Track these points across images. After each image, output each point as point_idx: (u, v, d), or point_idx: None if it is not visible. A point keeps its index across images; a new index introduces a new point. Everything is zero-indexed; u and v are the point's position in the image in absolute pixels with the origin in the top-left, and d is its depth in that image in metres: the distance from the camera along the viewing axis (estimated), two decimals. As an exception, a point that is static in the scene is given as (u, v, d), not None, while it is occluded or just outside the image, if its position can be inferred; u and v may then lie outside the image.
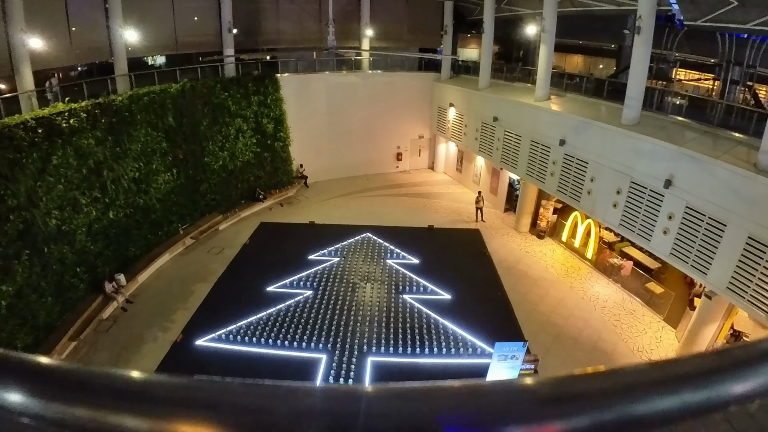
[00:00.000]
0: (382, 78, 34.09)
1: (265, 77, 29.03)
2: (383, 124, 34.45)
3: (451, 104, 32.20)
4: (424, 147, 37.09)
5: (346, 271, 22.01)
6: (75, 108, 18.03)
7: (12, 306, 14.82)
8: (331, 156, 33.50)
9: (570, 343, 17.49)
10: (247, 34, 31.10)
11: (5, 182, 14.72)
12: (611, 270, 21.61)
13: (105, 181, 19.27)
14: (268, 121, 28.94)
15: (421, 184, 34.26)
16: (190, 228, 24.79)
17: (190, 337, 17.45)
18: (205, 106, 25.11)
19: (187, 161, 24.28)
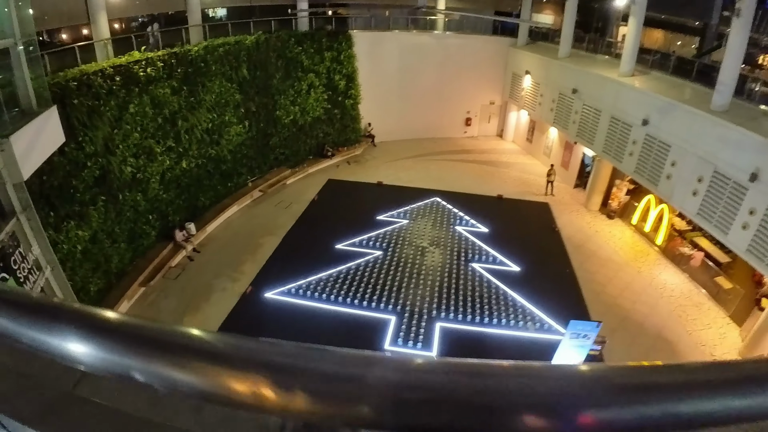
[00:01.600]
0: (455, 40, 32.96)
1: (339, 33, 28.57)
2: (454, 88, 33.39)
3: (527, 72, 30.74)
4: (494, 114, 35.82)
5: (414, 234, 21.81)
6: (151, 57, 18.07)
7: (87, 251, 15.20)
8: (399, 116, 32.92)
9: (635, 328, 16.84)
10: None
11: (83, 129, 14.91)
12: (680, 259, 20.62)
13: (179, 131, 19.45)
14: (339, 77, 28.59)
15: (489, 152, 33.25)
16: (258, 181, 24.97)
17: (259, 289, 17.65)
18: (279, 59, 24.94)
19: (258, 114, 24.29)
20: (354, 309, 16.97)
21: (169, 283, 18.08)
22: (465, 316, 16.75)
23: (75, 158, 14.60)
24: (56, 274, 11.64)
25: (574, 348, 13.71)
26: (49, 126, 12.18)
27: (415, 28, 32.98)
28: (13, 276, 9.55)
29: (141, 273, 17.63)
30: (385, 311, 16.86)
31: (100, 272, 15.93)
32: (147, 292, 17.43)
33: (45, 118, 11.82)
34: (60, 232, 13.91)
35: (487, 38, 33.65)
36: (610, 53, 27.02)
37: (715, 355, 15.80)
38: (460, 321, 16.56)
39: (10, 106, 11.04)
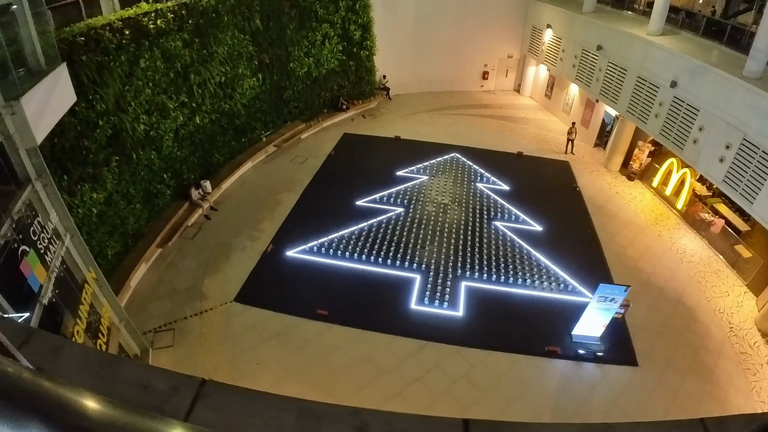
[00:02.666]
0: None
1: (354, -20, 27.34)
2: (471, 40, 32.34)
3: (549, 25, 29.56)
4: (512, 68, 34.77)
5: (435, 191, 21.47)
6: (161, 9, 17.24)
7: (102, 214, 14.81)
8: (414, 69, 32.05)
9: (656, 292, 16.74)
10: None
11: (93, 87, 14.29)
12: (700, 224, 20.41)
13: (192, 85, 18.77)
14: (355, 27, 27.52)
15: (507, 107, 32.47)
16: (272, 136, 24.39)
17: (280, 247, 17.39)
18: (292, 9, 23.91)
19: (272, 66, 23.49)
20: (378, 267, 16.82)
21: (187, 243, 17.76)
22: (490, 275, 16.62)
23: (86, 118, 14.03)
24: (76, 241, 11.22)
25: (600, 311, 13.88)
26: (60, 85, 11.59)
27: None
28: (34, 248, 9.14)
29: (157, 234, 17.31)
30: (409, 270, 16.70)
31: (116, 235, 15.59)
32: (164, 253, 17.14)
33: (55, 77, 11.22)
34: (74, 196, 13.50)
35: None
36: (635, 10, 26.19)
37: (732, 323, 15.81)
38: (484, 280, 16.44)
39: (16, 65, 10.41)
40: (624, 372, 13.68)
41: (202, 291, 15.50)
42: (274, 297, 15.29)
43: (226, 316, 14.60)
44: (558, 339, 14.38)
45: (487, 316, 15.09)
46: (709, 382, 13.59)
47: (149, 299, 15.17)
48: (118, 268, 15.44)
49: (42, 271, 9.27)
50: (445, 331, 14.49)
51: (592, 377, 13.50)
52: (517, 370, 13.53)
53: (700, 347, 14.70)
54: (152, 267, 16.48)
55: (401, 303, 15.36)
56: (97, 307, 11.63)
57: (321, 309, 14.84)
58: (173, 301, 15.15)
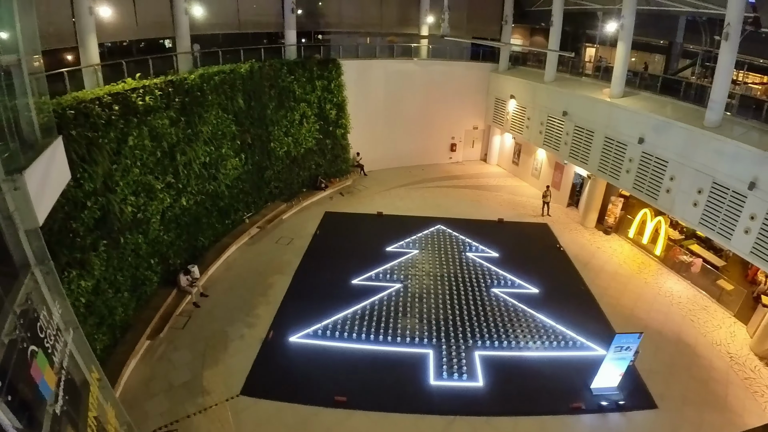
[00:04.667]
0: (438, 66, 32.52)
1: (329, 61, 27.50)
2: (438, 114, 33.23)
3: (512, 96, 30.82)
4: (477, 138, 35.87)
5: (428, 263, 21.05)
6: (148, 85, 16.55)
7: (90, 303, 13.37)
8: (386, 145, 32.25)
9: (656, 336, 17.41)
10: (308, 15, 29.89)
11: (82, 164, 13.23)
12: (680, 266, 21.60)
13: (177, 165, 17.88)
14: (330, 106, 27.52)
15: (478, 176, 33.27)
16: (255, 217, 23.43)
17: (281, 333, 16.16)
18: (272, 88, 23.73)
19: (254, 146, 22.90)
20: (387, 346, 15.92)
21: (178, 334, 16.22)
22: (500, 341, 16.37)
23: (74, 197, 12.87)
24: (77, 337, 9.75)
25: (616, 361, 14.14)
26: (57, 160, 10.52)
27: (399, 55, 32.23)
28: (41, 347, 7.66)
29: (147, 324, 15.76)
30: (420, 345, 16.00)
31: (104, 327, 14.05)
32: (154, 345, 15.54)
33: (53, 151, 10.15)
34: (62, 284, 12.11)
35: (469, 64, 33.59)
36: (591, 75, 28.11)
37: (731, 352, 16.71)
38: (496, 347, 16.12)
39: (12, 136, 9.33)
40: (647, 416, 13.79)
41: (202, 385, 13.94)
42: (285, 386, 13.90)
43: (235, 411, 13.06)
44: (579, 394, 14.28)
45: (508, 383, 14.66)
46: (725, 411, 14.08)
47: (143, 397, 13.49)
48: (107, 363, 13.80)
49: (51, 375, 7.79)
50: (470, 403, 13.86)
51: (619, 426, 13.47)
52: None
53: (708, 380, 15.29)
54: (143, 360, 14.84)
55: (419, 380, 14.53)
56: (99, 413, 10.07)
57: (339, 395, 13.54)
58: (171, 397, 13.52)
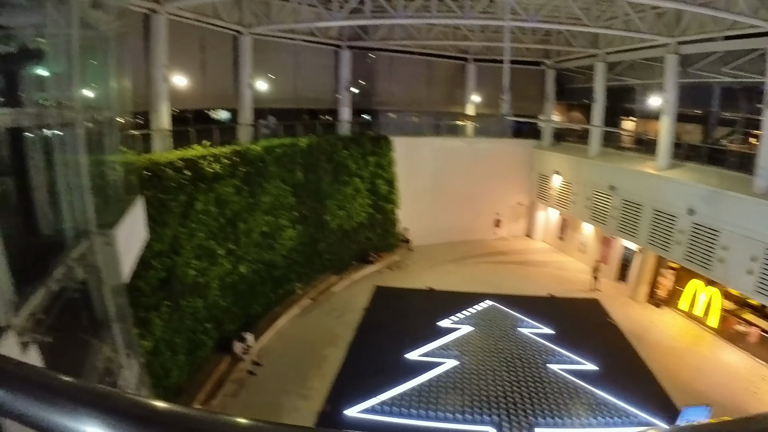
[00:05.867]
0: (484, 144, 33.23)
1: (380, 138, 28.29)
2: (483, 190, 33.41)
3: (556, 171, 31.16)
4: (522, 214, 35.88)
5: (482, 339, 20.63)
6: (217, 154, 17.13)
7: (148, 363, 13.32)
8: (432, 220, 32.32)
9: (719, 409, 15.87)
10: (361, 94, 30.99)
11: (153, 225, 13.53)
12: (737, 337, 20.86)
13: (239, 233, 18.22)
14: (382, 182, 28.01)
15: (523, 252, 33.18)
16: (306, 288, 23.43)
17: (337, 407, 15.72)
18: (328, 163, 24.43)
19: (309, 218, 23.32)
20: (448, 423, 15.33)
21: (230, 402, 15.97)
22: (561, 419, 15.72)
23: (143, 256, 13.10)
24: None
25: None
26: (138, 219, 10.81)
27: (446, 133, 33.36)
28: None
29: (198, 390, 15.59)
30: (480, 423, 15.40)
31: (159, 389, 13.95)
32: (207, 411, 15.33)
33: (136, 209, 10.45)
34: (126, 342, 12.18)
35: (512, 141, 34.28)
36: (630, 148, 28.44)
37: None
38: (558, 425, 15.45)
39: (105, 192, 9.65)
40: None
41: (258, 457, 13.59)
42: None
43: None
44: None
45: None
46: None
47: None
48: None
49: None
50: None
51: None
52: None
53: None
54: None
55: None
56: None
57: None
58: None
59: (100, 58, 10.24)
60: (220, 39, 22.72)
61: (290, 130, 24.22)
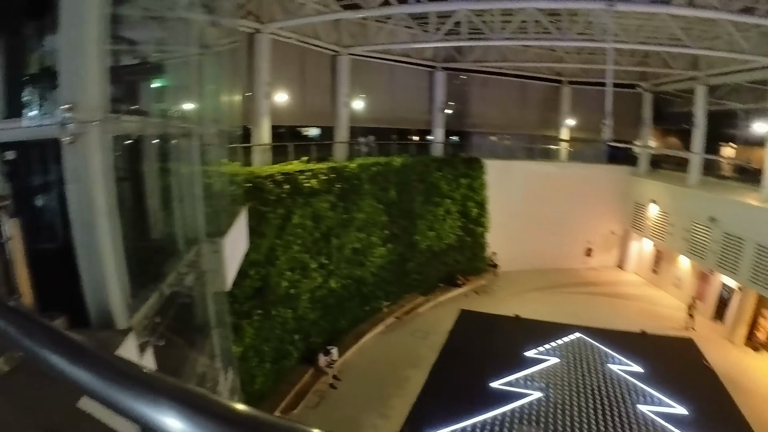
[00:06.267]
0: (577, 169, 32.25)
1: (473, 160, 28.14)
2: (574, 217, 32.15)
3: (653, 200, 29.48)
4: (614, 244, 34.16)
5: (569, 373, 19.81)
6: (315, 169, 17.57)
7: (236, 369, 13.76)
8: (521, 246, 31.30)
9: None
10: (455, 115, 30.95)
11: (251, 236, 13.99)
12: None
13: (332, 248, 18.57)
14: (473, 204, 27.76)
15: (614, 284, 31.56)
16: (392, 307, 23.54)
17: (416, 429, 15.58)
18: (421, 183, 24.50)
19: (399, 237, 23.47)
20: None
21: (310, 413, 16.19)
22: None
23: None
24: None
25: None
26: (242, 229, 11.16)
27: (539, 157, 32.86)
28: None
29: (281, 399, 15.94)
30: None
31: (243, 394, 14.33)
32: (288, 421, 15.59)
33: (241, 219, 10.81)
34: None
35: (606, 167, 32.90)
36: (729, 177, 27.08)
37: None
38: None
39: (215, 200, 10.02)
40: None
41: (335, 471, 13.72)
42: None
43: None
44: None
45: None
46: None
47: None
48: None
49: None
50: None
51: None
52: None
53: None
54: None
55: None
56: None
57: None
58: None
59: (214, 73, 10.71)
60: (318, 58, 23.47)
61: (384, 150, 24.52)
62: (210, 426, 0.96)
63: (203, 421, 0.96)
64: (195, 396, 1.03)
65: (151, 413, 0.98)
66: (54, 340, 1.39)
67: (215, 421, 0.97)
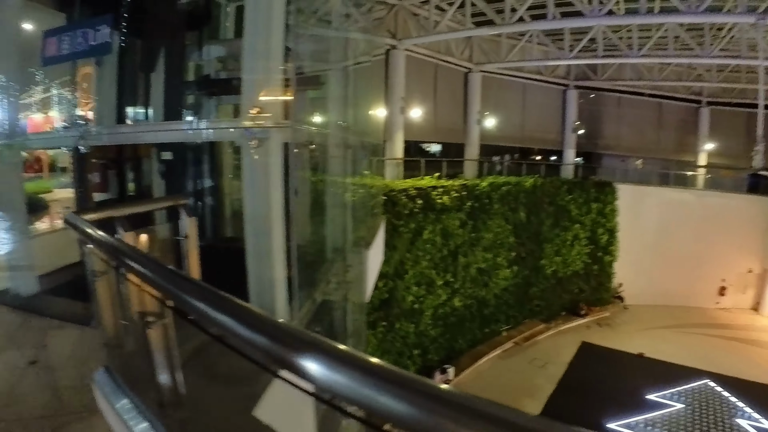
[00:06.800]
0: (714, 199, 29.67)
1: (605, 184, 26.89)
2: (709, 252, 29.45)
3: None
4: (751, 284, 30.72)
5: (693, 422, 18.25)
6: (447, 186, 17.44)
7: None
8: (649, 278, 29.40)
9: None
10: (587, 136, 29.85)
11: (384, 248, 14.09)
12: None
13: (458, 266, 18.37)
14: (603, 231, 26.50)
15: (749, 329, 28.24)
16: (512, 331, 22.90)
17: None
18: (550, 205, 23.70)
19: (525, 260, 22.83)
20: None
21: None
22: None
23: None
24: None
25: None
26: (380, 240, 11.21)
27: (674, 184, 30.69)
28: None
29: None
30: None
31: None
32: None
33: (381, 231, 10.84)
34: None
35: (747, 197, 29.77)
36: None
37: None
38: None
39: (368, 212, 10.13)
40: None
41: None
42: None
43: None
44: None
45: None
46: None
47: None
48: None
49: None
50: None
51: None
52: None
53: None
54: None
55: None
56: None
57: None
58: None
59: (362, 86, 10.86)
60: (450, 75, 23.46)
61: (512, 169, 24.05)
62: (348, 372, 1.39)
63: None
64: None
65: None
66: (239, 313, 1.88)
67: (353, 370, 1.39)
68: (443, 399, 1.33)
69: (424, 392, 1.32)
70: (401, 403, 1.28)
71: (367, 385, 1.34)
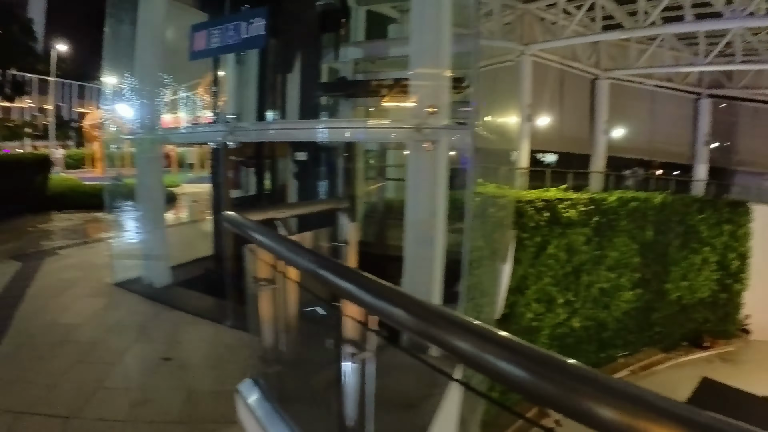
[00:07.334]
0: None
1: (739, 204, 24.61)
2: None
3: None
4: None
5: None
6: (573, 199, 16.40)
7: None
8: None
9: None
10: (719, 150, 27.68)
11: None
12: None
13: (579, 285, 17.23)
14: (734, 256, 24.22)
15: None
16: (628, 359, 21.37)
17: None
18: (679, 225, 21.90)
19: (649, 283, 21.17)
20: None
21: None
22: None
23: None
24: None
25: None
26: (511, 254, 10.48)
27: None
28: None
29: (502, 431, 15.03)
30: None
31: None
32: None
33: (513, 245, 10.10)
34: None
35: None
36: None
37: None
38: None
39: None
40: None
41: None
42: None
43: None
44: None
45: None
46: None
47: None
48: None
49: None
50: None
51: None
52: None
53: None
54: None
55: None
56: None
57: None
58: None
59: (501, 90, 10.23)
60: (576, 81, 22.37)
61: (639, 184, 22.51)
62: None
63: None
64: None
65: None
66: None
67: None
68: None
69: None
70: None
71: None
